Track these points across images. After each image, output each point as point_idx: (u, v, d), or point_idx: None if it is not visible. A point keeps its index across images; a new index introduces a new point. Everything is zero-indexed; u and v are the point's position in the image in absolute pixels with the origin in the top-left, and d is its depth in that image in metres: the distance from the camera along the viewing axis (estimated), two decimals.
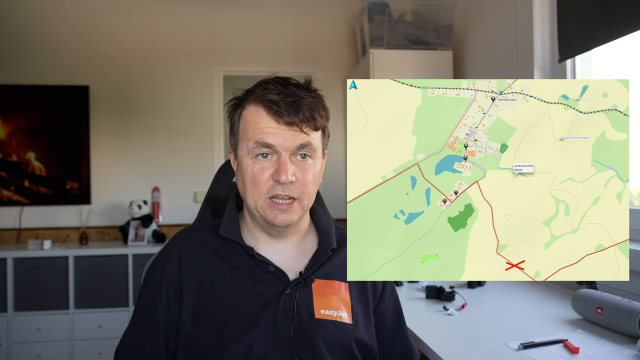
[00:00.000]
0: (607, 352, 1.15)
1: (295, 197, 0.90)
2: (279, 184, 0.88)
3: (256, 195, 0.90)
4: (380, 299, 1.02)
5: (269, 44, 3.70)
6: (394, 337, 1.03)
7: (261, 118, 0.89)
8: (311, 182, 0.91)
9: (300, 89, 0.90)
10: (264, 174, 0.89)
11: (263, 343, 0.87)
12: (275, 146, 0.88)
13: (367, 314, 0.98)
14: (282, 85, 0.90)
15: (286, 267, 0.94)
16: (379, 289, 1.03)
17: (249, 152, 0.89)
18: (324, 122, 0.93)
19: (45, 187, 3.46)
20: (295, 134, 0.88)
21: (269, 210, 0.90)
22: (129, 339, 0.94)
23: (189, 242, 0.97)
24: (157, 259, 0.99)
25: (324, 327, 0.91)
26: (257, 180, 0.89)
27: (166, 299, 0.92)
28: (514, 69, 2.27)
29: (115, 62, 3.55)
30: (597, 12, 1.79)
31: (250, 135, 0.89)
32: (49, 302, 3.04)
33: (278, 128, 0.88)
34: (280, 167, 0.87)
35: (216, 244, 0.96)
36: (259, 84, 0.92)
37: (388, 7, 2.92)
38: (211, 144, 3.64)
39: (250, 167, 0.90)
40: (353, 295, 0.97)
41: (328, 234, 0.99)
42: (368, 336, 0.96)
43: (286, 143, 0.88)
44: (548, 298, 1.67)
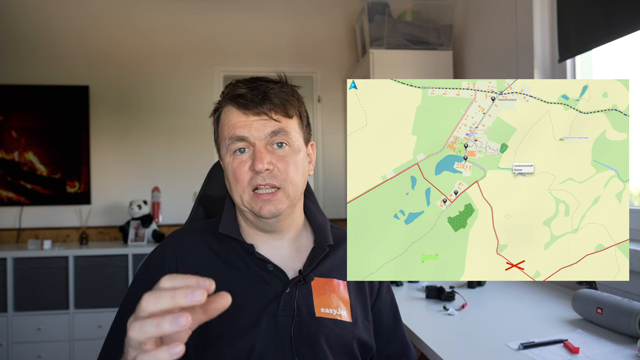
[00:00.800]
0: (607, 352, 1.15)
1: (278, 186, 0.90)
2: (258, 174, 0.88)
3: (240, 190, 0.90)
4: (377, 297, 1.03)
5: (269, 44, 3.70)
6: (391, 335, 1.03)
7: (232, 114, 0.91)
8: (293, 170, 0.91)
9: (270, 83, 0.92)
10: (243, 167, 0.90)
11: (264, 343, 0.86)
12: (248, 137, 0.89)
13: (365, 312, 0.99)
14: (250, 81, 0.92)
15: (284, 266, 0.94)
16: (376, 287, 1.04)
17: (227, 149, 0.91)
18: (296, 109, 0.93)
19: (45, 187, 3.46)
20: (265, 122, 0.89)
21: (254, 202, 0.90)
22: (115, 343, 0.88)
23: (186, 243, 0.96)
24: (151, 260, 0.96)
25: (325, 325, 0.91)
26: (237, 175, 0.90)
27: None
28: (514, 69, 2.27)
29: (115, 62, 3.56)
30: (597, 12, 1.79)
31: (226, 133, 0.91)
32: (49, 302, 3.04)
33: (247, 120, 0.89)
34: (255, 156, 0.88)
35: (214, 243, 0.96)
36: (229, 84, 0.94)
37: (388, 7, 2.92)
38: (211, 143, 3.59)
39: (230, 164, 0.91)
40: (351, 294, 0.97)
41: (324, 231, 0.99)
42: (367, 335, 0.96)
43: (258, 133, 0.88)
44: (548, 298, 1.67)
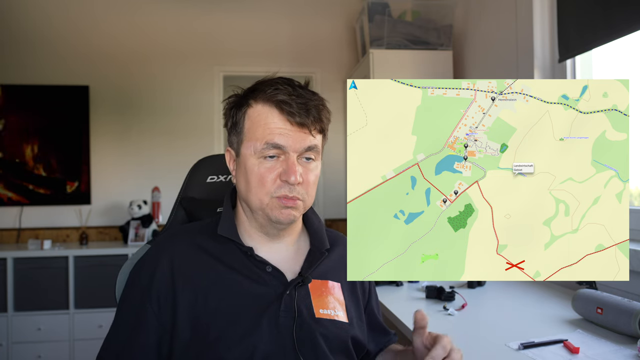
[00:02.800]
0: (607, 352, 1.15)
1: (300, 198, 0.90)
2: (287, 185, 0.88)
3: (262, 194, 0.89)
4: (369, 297, 1.07)
5: (269, 44, 3.70)
6: (381, 330, 1.09)
7: (272, 118, 0.88)
8: (313, 183, 0.92)
9: (305, 91, 0.91)
10: (271, 173, 0.88)
11: (267, 344, 0.86)
12: (285, 147, 0.87)
13: (358, 312, 1.01)
14: (290, 86, 0.90)
15: (283, 267, 0.93)
16: (367, 288, 1.07)
17: (256, 152, 0.89)
18: (327, 125, 0.94)
19: (45, 187, 3.46)
20: (304, 135, 0.88)
21: (274, 208, 0.89)
22: (113, 344, 0.89)
23: (179, 244, 0.94)
24: (143, 263, 0.94)
25: (325, 326, 0.91)
26: (264, 180, 0.88)
27: (157, 304, 0.87)
28: (514, 69, 2.27)
29: (115, 62, 3.56)
30: (597, 12, 1.79)
31: (260, 136, 0.88)
32: (49, 302, 3.04)
33: (289, 129, 0.87)
34: (289, 168, 0.87)
35: (210, 245, 0.94)
36: (267, 83, 0.91)
37: (388, 7, 2.92)
38: (211, 144, 3.64)
39: (257, 167, 0.89)
40: (345, 295, 0.99)
41: (320, 235, 1.00)
42: (361, 333, 0.99)
43: (296, 144, 0.88)
44: (548, 298, 1.67)
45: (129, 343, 0.87)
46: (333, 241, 1.03)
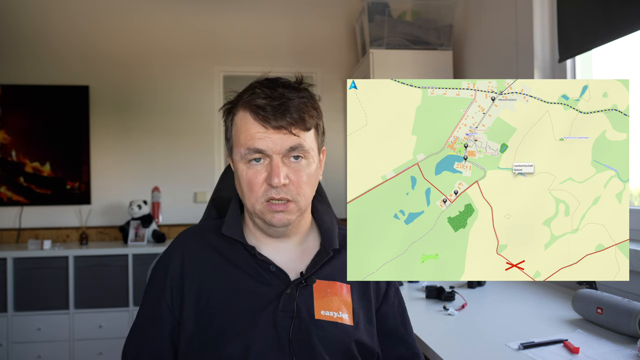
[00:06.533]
0: (607, 352, 1.15)
1: (290, 199, 0.90)
2: (273, 187, 0.88)
3: (253, 200, 0.90)
4: (383, 300, 1.02)
5: (269, 44, 3.70)
6: (399, 339, 1.02)
7: (249, 124, 0.89)
8: (305, 182, 0.91)
9: (289, 90, 0.90)
10: (257, 177, 0.89)
11: (262, 343, 0.86)
12: (266, 150, 0.88)
13: (368, 315, 0.98)
14: (270, 88, 0.89)
15: (287, 267, 0.94)
16: (382, 290, 1.02)
17: (242, 157, 0.90)
18: (315, 121, 0.92)
19: (45, 187, 3.46)
20: (284, 136, 0.88)
21: (266, 212, 0.90)
22: (134, 339, 0.95)
23: (191, 241, 0.98)
24: (160, 259, 1.00)
25: (323, 328, 0.90)
26: (252, 185, 0.90)
27: (170, 299, 0.93)
28: (514, 69, 2.27)
29: (115, 62, 3.55)
30: (597, 12, 1.79)
31: (242, 141, 0.90)
32: (49, 302, 3.04)
33: (266, 132, 0.88)
34: (272, 170, 0.88)
35: (219, 243, 0.97)
36: (247, 88, 0.92)
37: (388, 7, 2.92)
38: (211, 144, 3.64)
39: (245, 172, 0.90)
40: (354, 297, 0.97)
41: (330, 235, 0.99)
42: (369, 338, 0.96)
43: (276, 147, 0.88)
44: (548, 298, 1.67)
45: (147, 336, 0.92)
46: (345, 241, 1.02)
